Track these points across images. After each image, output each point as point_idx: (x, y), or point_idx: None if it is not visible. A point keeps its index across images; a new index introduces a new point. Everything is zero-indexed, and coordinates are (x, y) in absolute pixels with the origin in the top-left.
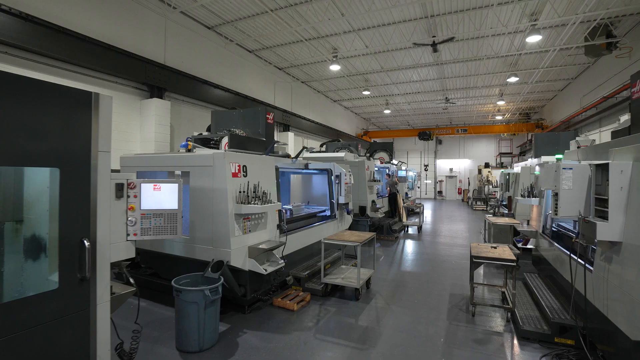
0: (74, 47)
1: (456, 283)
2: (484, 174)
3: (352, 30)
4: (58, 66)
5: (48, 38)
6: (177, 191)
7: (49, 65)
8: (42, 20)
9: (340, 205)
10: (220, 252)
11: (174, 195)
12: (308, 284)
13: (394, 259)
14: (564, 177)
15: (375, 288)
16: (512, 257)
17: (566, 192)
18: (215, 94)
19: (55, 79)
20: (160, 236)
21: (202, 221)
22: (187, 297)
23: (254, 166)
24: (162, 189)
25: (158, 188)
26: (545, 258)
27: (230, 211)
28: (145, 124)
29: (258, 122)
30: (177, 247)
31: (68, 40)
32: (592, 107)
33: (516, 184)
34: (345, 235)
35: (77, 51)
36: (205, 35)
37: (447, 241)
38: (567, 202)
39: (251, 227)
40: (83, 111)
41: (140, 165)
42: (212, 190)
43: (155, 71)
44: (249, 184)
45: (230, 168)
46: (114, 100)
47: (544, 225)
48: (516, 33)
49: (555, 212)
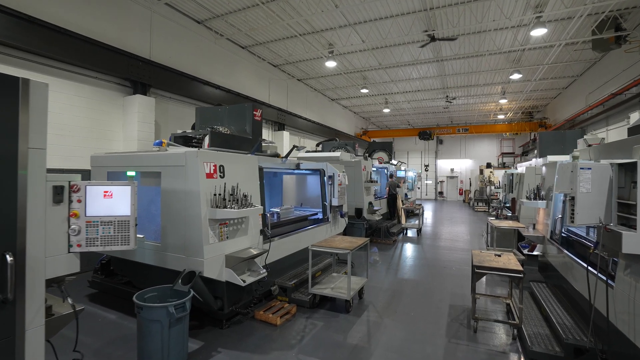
0: (47, 39)
1: (456, 292)
2: (486, 175)
3: (348, 24)
4: (29, 59)
5: (18, 28)
6: (130, 195)
7: (18, 57)
8: (12, 9)
9: (334, 208)
10: (193, 261)
11: (126, 200)
12: (295, 294)
13: (390, 265)
14: (581, 178)
15: (368, 298)
16: (518, 268)
17: (584, 196)
18: (205, 91)
19: (25, 72)
20: (110, 247)
21: (174, 227)
22: (149, 314)
23: (233, 166)
24: (113, 193)
25: (108, 193)
26: (554, 266)
27: (203, 216)
28: (128, 122)
29: (245, 119)
30: (148, 255)
31: (41, 31)
32: (598, 105)
33: (520, 184)
34: (335, 242)
35: (51, 44)
36: (195, 29)
37: (448, 245)
38: (586, 207)
39: (229, 233)
40: (7, 100)
41: (111, 165)
42: (185, 192)
43: (139, 66)
44: (226, 186)
45: (204, 168)
46: (94, 97)
47: (552, 230)
48: (520, 27)
49: (571, 219)
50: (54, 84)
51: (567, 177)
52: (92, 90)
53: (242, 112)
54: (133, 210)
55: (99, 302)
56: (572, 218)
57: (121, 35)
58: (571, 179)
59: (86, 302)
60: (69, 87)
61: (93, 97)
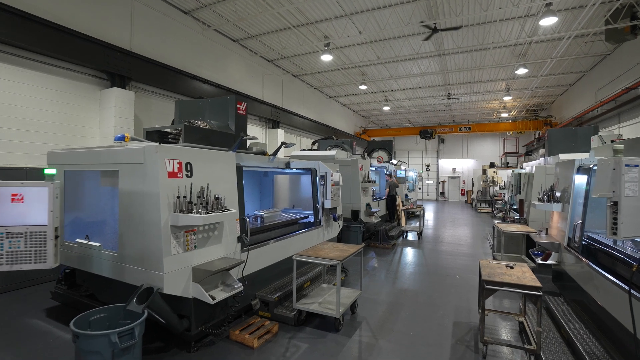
0: (7, 24)
1: (461, 306)
2: (489, 175)
3: (344, 14)
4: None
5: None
6: (49, 199)
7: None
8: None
9: (326, 210)
10: (152, 275)
11: (42, 205)
12: (278, 309)
13: (388, 272)
14: (627, 178)
15: (362, 312)
16: (536, 284)
17: (631, 200)
18: (192, 86)
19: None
20: (20, 266)
21: (132, 235)
22: (86, 344)
23: (204, 164)
24: (25, 196)
25: (18, 196)
26: (572, 276)
27: (163, 222)
28: (105, 117)
29: (227, 113)
30: (105, 267)
31: (2, 16)
32: (610, 101)
33: (529, 185)
34: (324, 250)
35: (14, 29)
36: (181, 20)
37: (450, 249)
38: (632, 215)
39: (198, 242)
40: None
41: (69, 162)
42: (143, 194)
43: (118, 57)
44: (193, 187)
45: (166, 166)
46: (66, 89)
47: (570, 236)
48: (527, 17)
49: (613, 231)
50: (14, 74)
51: (608, 177)
52: (63, 82)
53: (225, 105)
54: (52, 218)
55: (57, 317)
56: (614, 229)
57: (97, 24)
58: (613, 179)
59: (42, 317)
60: (35, 78)
61: (65, 90)
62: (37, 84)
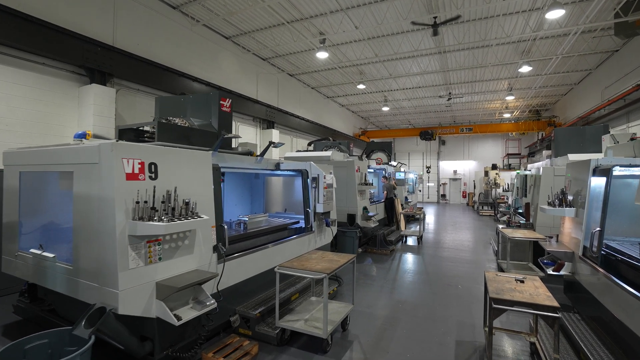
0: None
1: (464, 321)
2: (492, 177)
3: (340, 9)
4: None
5: None
6: None
7: None
8: None
9: (318, 215)
10: (106, 293)
11: None
12: (260, 326)
13: (385, 281)
14: None
15: (354, 329)
16: (553, 303)
17: None
18: (181, 84)
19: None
20: None
21: (86, 245)
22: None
23: (173, 165)
24: None
25: None
26: (588, 290)
27: (119, 231)
28: (83, 116)
29: (210, 110)
30: (59, 281)
31: None
32: (619, 99)
33: (535, 187)
34: (311, 260)
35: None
36: (169, 15)
37: (452, 255)
38: None
39: (163, 254)
40: None
41: (25, 163)
42: (99, 199)
43: (98, 52)
44: (157, 190)
45: (123, 166)
46: (40, 86)
47: (586, 245)
48: (532, 11)
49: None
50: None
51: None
52: (38, 78)
53: (207, 101)
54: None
55: (14, 335)
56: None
57: (76, 17)
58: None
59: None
60: (5, 72)
61: (39, 87)
62: (8, 79)
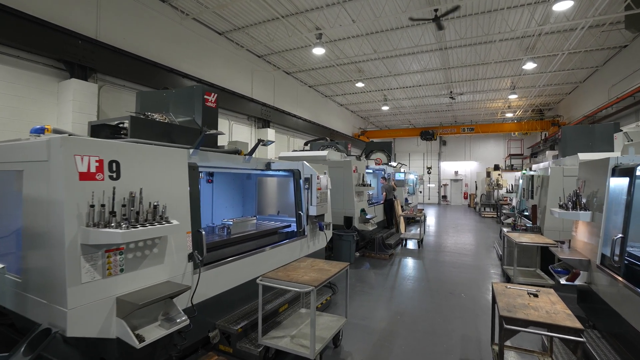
0: None
1: (469, 335)
2: (494, 177)
3: (336, 2)
4: None
5: None
6: None
7: None
8: None
9: (312, 218)
10: (54, 311)
11: None
12: (242, 343)
13: (383, 289)
14: None
15: (348, 345)
16: (575, 325)
17: None
18: (170, 80)
19: None
20: None
21: (35, 255)
22: None
23: (139, 163)
24: None
25: None
26: (608, 303)
27: (68, 240)
28: (63, 112)
29: (193, 106)
30: (8, 295)
31: None
32: (628, 97)
33: (543, 189)
34: (299, 270)
35: None
36: (158, 9)
37: (454, 260)
38: None
39: (126, 264)
40: None
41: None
42: (48, 202)
43: (78, 45)
44: (117, 192)
45: (76, 164)
46: (15, 80)
47: (605, 253)
48: (538, 3)
49: None
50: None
51: None
52: (12, 71)
53: (191, 96)
54: None
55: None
56: None
57: (56, 9)
58: None
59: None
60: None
61: (13, 81)
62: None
